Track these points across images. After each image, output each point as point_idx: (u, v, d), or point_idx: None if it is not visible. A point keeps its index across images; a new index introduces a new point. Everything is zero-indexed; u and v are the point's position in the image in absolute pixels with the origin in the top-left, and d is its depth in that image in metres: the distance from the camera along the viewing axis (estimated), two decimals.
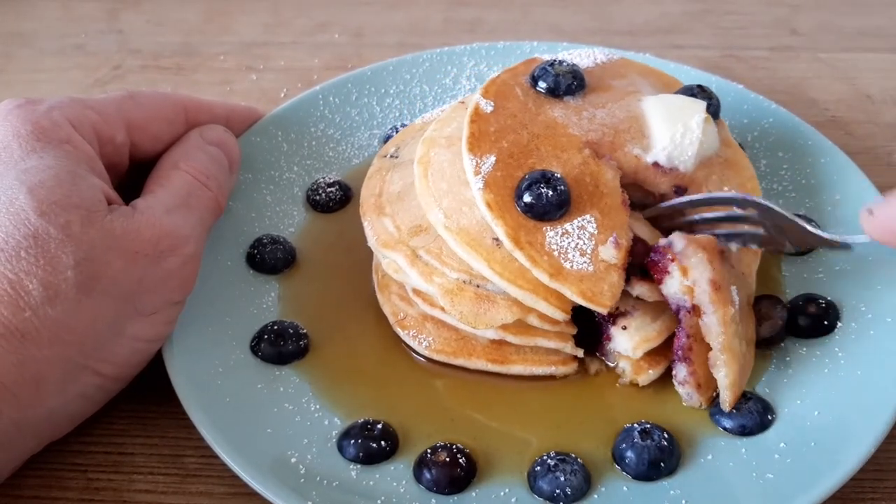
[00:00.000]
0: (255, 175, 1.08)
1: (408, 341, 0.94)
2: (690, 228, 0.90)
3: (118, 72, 1.37)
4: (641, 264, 0.87)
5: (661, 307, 0.89)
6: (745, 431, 0.85)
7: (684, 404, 0.87)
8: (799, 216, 0.92)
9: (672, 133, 0.91)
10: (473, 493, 0.82)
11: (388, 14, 1.47)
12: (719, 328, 0.84)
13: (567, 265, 0.84)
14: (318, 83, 1.19)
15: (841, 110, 1.26)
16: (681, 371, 0.86)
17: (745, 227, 0.91)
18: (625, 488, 0.82)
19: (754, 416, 0.85)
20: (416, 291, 0.92)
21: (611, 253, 0.85)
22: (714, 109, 0.96)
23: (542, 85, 0.95)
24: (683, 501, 0.80)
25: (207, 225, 0.92)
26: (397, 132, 1.09)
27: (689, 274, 0.84)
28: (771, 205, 0.89)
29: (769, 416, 0.85)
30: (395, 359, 0.94)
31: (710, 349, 0.85)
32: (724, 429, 0.85)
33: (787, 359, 0.90)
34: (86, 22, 1.47)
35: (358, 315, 0.98)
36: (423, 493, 0.81)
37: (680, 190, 0.92)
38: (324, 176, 1.10)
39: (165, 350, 0.88)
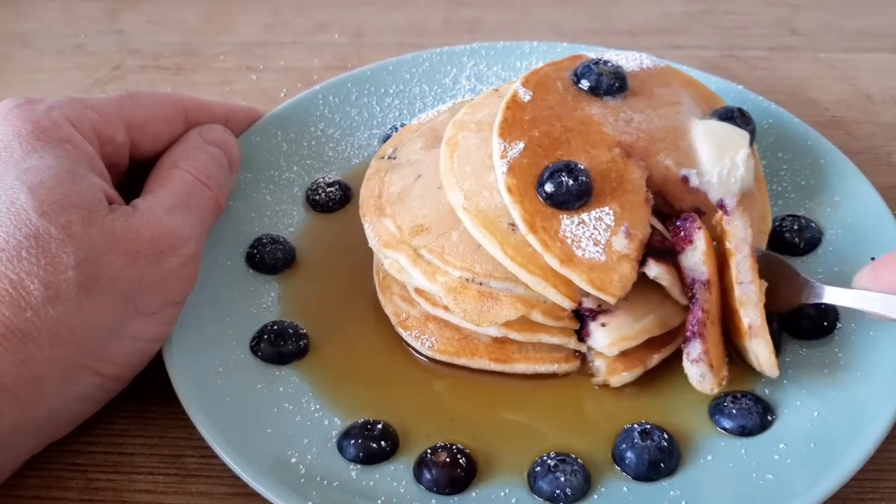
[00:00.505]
0: (254, 175, 1.08)
1: (410, 342, 0.94)
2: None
3: (118, 72, 1.37)
4: (659, 250, 0.87)
5: (646, 309, 0.89)
6: (744, 432, 0.84)
7: (696, 387, 0.85)
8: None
9: (720, 169, 0.92)
10: (473, 494, 0.82)
11: (388, 14, 1.47)
12: (758, 297, 0.84)
13: (579, 253, 0.84)
14: (318, 83, 1.19)
15: (841, 110, 1.26)
16: (695, 349, 0.84)
17: None
18: (625, 489, 0.82)
19: (754, 416, 0.85)
20: (419, 291, 0.92)
21: (622, 243, 0.85)
22: (751, 136, 0.97)
23: (584, 83, 0.95)
24: (683, 502, 0.80)
25: (207, 225, 0.92)
26: (397, 132, 1.09)
27: (732, 238, 0.84)
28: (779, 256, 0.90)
29: (769, 417, 0.85)
30: (395, 359, 0.94)
31: (720, 330, 0.85)
32: (724, 429, 0.85)
33: (787, 359, 0.90)
34: (86, 22, 1.47)
35: (358, 315, 0.98)
36: (424, 494, 0.81)
37: (699, 212, 0.91)
38: (323, 176, 1.10)
39: (165, 350, 0.88)
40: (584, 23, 1.44)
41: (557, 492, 0.80)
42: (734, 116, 0.98)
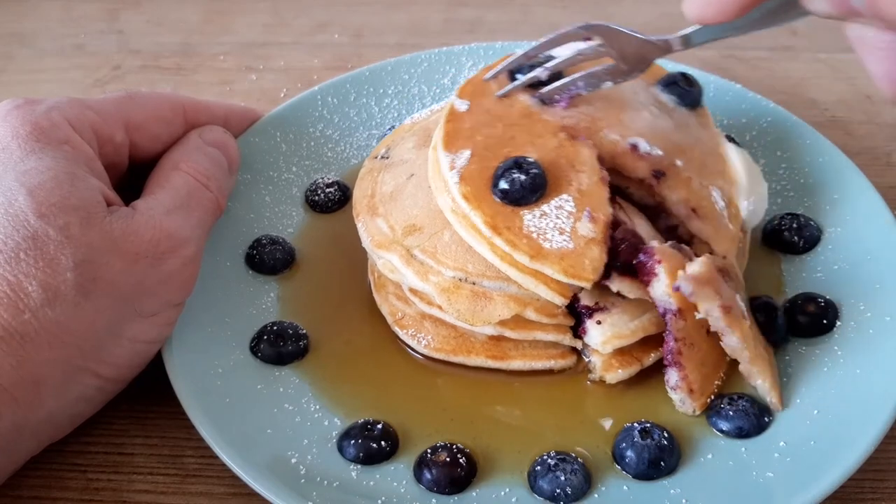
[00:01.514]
0: (253, 176, 1.08)
1: (407, 340, 0.94)
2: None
3: (118, 72, 1.37)
4: (629, 261, 0.87)
5: (643, 308, 0.89)
6: (742, 433, 0.84)
7: (678, 410, 0.86)
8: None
9: (747, 203, 0.95)
10: (474, 493, 0.82)
11: (388, 14, 1.47)
12: (742, 345, 0.84)
13: (546, 245, 0.84)
14: (318, 83, 1.19)
15: (841, 110, 1.26)
16: (672, 376, 0.86)
17: (597, 67, 0.93)
18: (625, 487, 0.82)
19: (751, 418, 0.84)
20: (413, 290, 0.92)
21: (587, 227, 0.84)
22: (696, 98, 0.97)
23: (518, 76, 0.95)
24: (684, 501, 0.80)
25: (207, 226, 0.92)
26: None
27: (700, 307, 0.83)
28: (612, 25, 0.91)
29: (766, 419, 0.85)
30: (394, 358, 0.94)
31: (702, 352, 0.85)
32: (721, 431, 0.85)
33: (787, 358, 0.90)
34: (86, 22, 1.47)
35: (358, 315, 0.98)
36: (424, 493, 0.81)
37: (658, 174, 0.91)
38: (322, 176, 1.10)
39: (165, 351, 0.88)
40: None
41: (558, 491, 0.80)
42: (678, 82, 0.97)
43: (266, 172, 1.09)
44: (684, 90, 0.98)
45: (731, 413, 0.85)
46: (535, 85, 0.95)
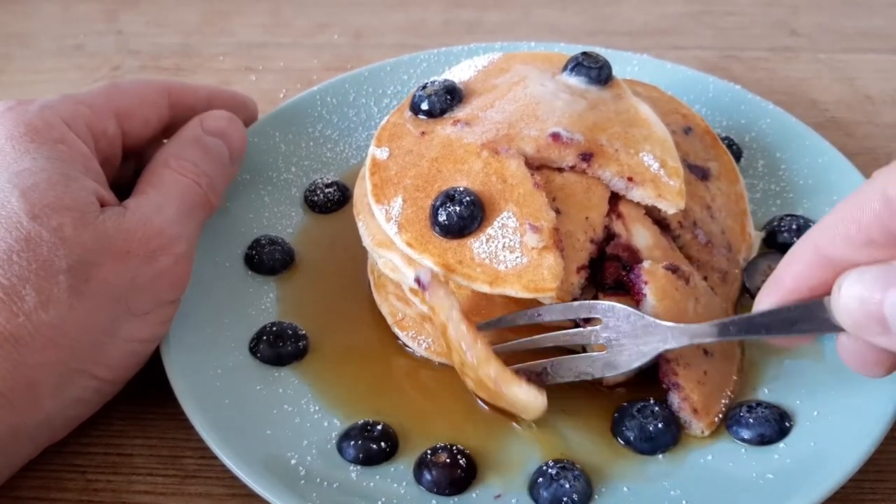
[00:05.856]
0: (252, 176, 1.08)
1: (407, 342, 0.94)
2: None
3: (117, 72, 1.37)
4: (618, 279, 0.87)
5: None
6: (764, 440, 0.83)
7: (688, 433, 0.85)
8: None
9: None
10: (474, 494, 0.82)
11: (387, 15, 1.47)
12: (484, 352, 0.81)
13: (501, 267, 0.84)
14: (317, 84, 1.19)
15: (840, 111, 1.26)
16: (673, 399, 0.86)
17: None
18: (625, 489, 0.82)
19: (772, 424, 0.83)
20: (413, 290, 0.92)
21: (534, 238, 0.84)
22: (605, 73, 0.95)
23: (421, 113, 0.94)
24: (684, 502, 0.80)
25: (199, 222, 0.91)
26: None
27: (438, 311, 0.82)
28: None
29: (787, 423, 0.84)
30: (394, 359, 0.94)
31: (700, 371, 0.86)
32: (743, 440, 0.84)
33: (787, 360, 0.90)
34: (85, 22, 1.47)
35: (357, 315, 0.98)
36: (424, 494, 0.81)
37: (586, 156, 0.90)
38: (322, 176, 1.10)
39: (164, 351, 0.88)
40: (584, 24, 1.44)
41: (565, 499, 0.79)
42: (583, 63, 0.96)
43: (265, 173, 1.09)
44: (591, 68, 0.95)
45: (751, 421, 0.84)
46: (444, 109, 0.94)
